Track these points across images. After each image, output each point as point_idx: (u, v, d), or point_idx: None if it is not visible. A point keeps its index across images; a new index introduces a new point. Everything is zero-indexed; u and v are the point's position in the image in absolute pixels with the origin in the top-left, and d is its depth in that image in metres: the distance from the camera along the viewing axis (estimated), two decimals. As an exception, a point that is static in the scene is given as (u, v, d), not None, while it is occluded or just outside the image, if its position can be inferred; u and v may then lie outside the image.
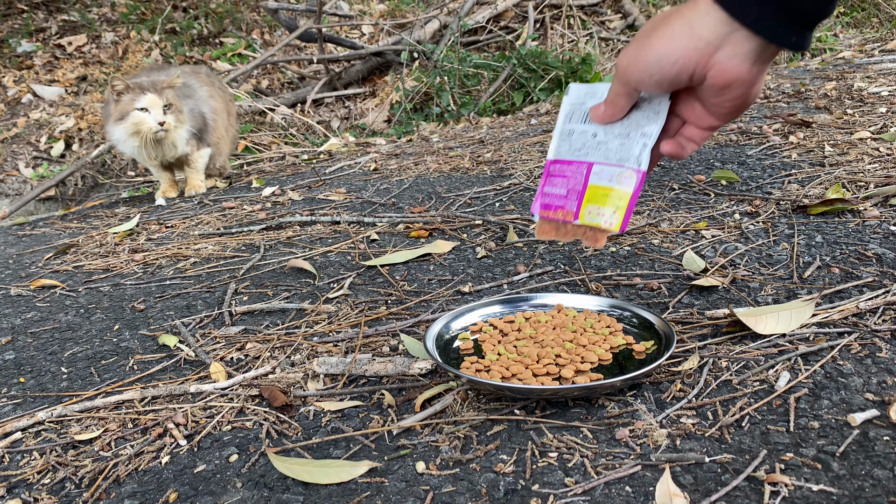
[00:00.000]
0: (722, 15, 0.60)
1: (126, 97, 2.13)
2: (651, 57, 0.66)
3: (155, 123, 2.14)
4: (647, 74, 0.67)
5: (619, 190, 0.80)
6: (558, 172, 0.85)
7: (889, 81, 2.42)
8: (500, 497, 0.71)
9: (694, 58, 0.64)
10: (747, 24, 0.59)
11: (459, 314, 1.03)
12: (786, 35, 0.59)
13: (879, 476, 0.68)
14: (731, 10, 0.59)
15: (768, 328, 0.93)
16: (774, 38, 0.59)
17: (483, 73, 3.75)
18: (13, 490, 0.82)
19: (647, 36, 0.67)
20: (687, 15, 0.63)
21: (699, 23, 0.62)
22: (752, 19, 0.59)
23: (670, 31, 0.64)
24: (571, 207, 0.84)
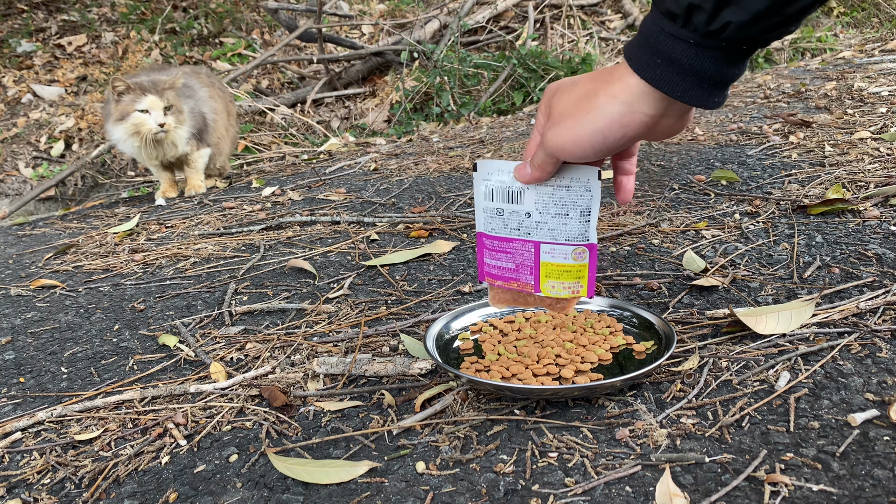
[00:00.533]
0: (661, 95, 0.68)
1: (127, 98, 2.13)
2: (594, 140, 0.71)
3: (155, 125, 2.15)
4: (589, 154, 0.73)
5: (577, 264, 0.85)
6: (498, 248, 0.88)
7: (889, 81, 2.42)
8: (500, 497, 0.71)
9: (642, 130, 0.70)
10: (681, 99, 0.67)
11: (459, 314, 1.03)
12: (710, 99, 0.68)
13: (879, 476, 0.68)
14: (667, 91, 0.67)
15: (768, 328, 0.93)
16: (703, 104, 0.68)
17: (483, 73, 3.75)
18: (13, 490, 0.82)
19: (577, 118, 0.71)
20: (620, 96, 0.69)
21: (639, 102, 0.68)
22: (686, 96, 0.67)
23: (607, 113, 0.70)
24: (528, 280, 0.88)
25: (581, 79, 0.74)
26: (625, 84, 0.69)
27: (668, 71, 0.67)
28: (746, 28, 0.63)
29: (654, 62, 0.67)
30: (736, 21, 0.62)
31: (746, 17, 0.62)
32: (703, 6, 0.63)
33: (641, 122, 0.69)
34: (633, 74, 0.69)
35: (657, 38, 0.67)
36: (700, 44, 0.65)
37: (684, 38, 0.65)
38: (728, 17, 0.62)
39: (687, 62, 0.66)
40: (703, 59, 0.66)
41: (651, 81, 0.67)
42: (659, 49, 0.67)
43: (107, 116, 2.26)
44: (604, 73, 0.71)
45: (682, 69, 0.66)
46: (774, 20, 0.63)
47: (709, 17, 0.63)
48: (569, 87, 0.74)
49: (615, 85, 0.69)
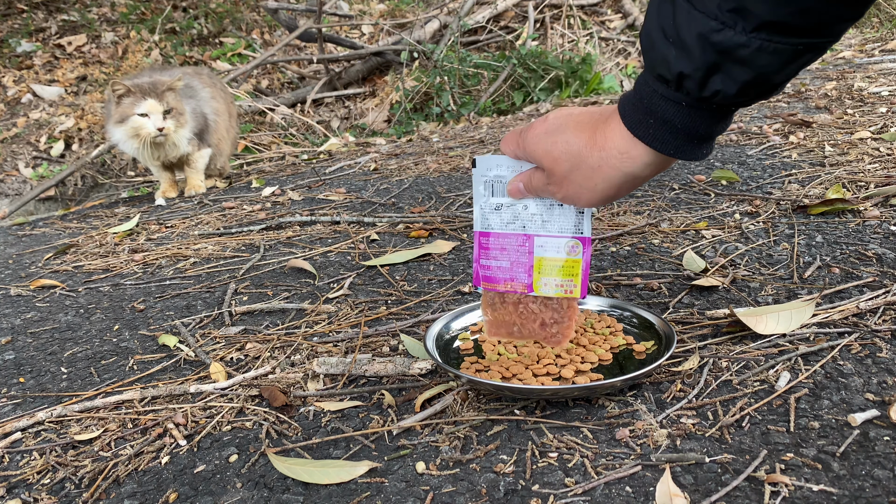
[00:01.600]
0: (659, 155, 0.72)
1: (127, 101, 2.14)
2: (604, 199, 0.77)
3: (154, 129, 2.15)
4: (597, 204, 0.79)
5: (570, 259, 0.85)
6: (494, 245, 0.88)
7: (889, 81, 2.42)
8: (500, 497, 0.71)
9: (632, 187, 0.77)
10: (674, 155, 0.72)
11: (459, 314, 1.03)
12: (699, 152, 0.72)
13: (880, 476, 0.68)
14: (661, 150, 0.71)
15: (768, 328, 0.93)
16: (693, 158, 0.73)
17: (483, 72, 3.75)
18: (13, 490, 0.82)
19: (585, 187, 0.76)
20: (622, 168, 0.73)
21: (642, 171, 0.73)
22: (678, 153, 0.72)
23: (612, 183, 0.75)
24: (522, 279, 0.87)
25: (570, 129, 0.77)
26: (627, 156, 0.73)
27: (661, 131, 0.70)
28: (734, 97, 0.67)
29: (647, 122, 0.71)
30: (724, 91, 0.66)
31: (733, 87, 0.65)
32: (692, 76, 0.66)
33: (641, 182, 0.76)
34: (631, 140, 0.72)
35: (650, 99, 0.70)
36: (692, 105, 0.68)
37: (677, 100, 0.69)
38: (717, 87, 0.66)
39: (680, 123, 0.69)
40: (695, 120, 0.69)
41: (644, 140, 0.71)
42: (652, 110, 0.70)
43: (108, 117, 2.26)
44: (598, 133, 0.75)
45: (675, 129, 0.70)
46: (760, 88, 0.66)
47: (698, 85, 0.66)
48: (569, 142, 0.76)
49: (615, 156, 0.73)
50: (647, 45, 0.69)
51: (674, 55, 0.66)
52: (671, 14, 0.65)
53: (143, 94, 2.13)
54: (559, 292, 0.86)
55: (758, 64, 0.63)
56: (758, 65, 0.63)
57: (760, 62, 0.63)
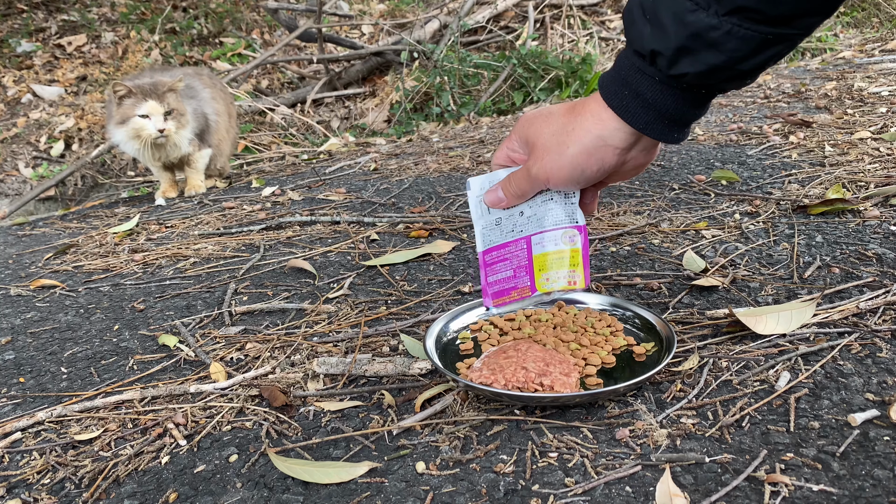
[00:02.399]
0: (631, 129, 0.73)
1: (128, 102, 2.14)
2: (574, 171, 0.77)
3: (155, 130, 2.16)
4: (570, 182, 0.79)
5: (569, 249, 0.86)
6: (498, 259, 0.90)
7: (889, 81, 2.42)
8: (500, 497, 0.71)
9: (613, 161, 0.77)
10: (643, 131, 0.73)
11: (459, 313, 1.03)
12: (670, 134, 0.74)
13: (880, 476, 0.68)
14: (631, 122, 0.73)
15: (768, 328, 0.93)
16: (663, 139, 0.74)
17: (483, 72, 3.75)
18: (13, 490, 0.82)
19: (560, 152, 0.77)
20: (594, 130, 0.75)
21: (611, 136, 0.74)
22: (647, 129, 0.73)
23: (584, 146, 0.75)
24: (525, 283, 0.88)
25: (556, 110, 0.79)
26: (598, 118, 0.74)
27: (633, 103, 0.72)
28: (703, 78, 0.68)
29: (622, 93, 0.72)
30: (692, 72, 0.68)
31: (702, 68, 0.67)
32: (664, 53, 0.68)
33: (613, 155, 0.75)
34: (605, 109, 0.74)
35: (627, 71, 0.72)
36: (664, 82, 0.70)
37: (650, 74, 0.71)
38: (685, 68, 0.68)
39: (651, 97, 0.71)
40: (666, 97, 0.71)
41: (617, 111, 0.73)
42: (627, 81, 0.72)
43: (108, 118, 2.26)
44: (578, 106, 0.77)
45: (647, 103, 0.71)
46: (728, 73, 0.67)
47: (669, 63, 0.68)
48: (545, 119, 0.79)
49: (589, 119, 0.75)
50: (629, 21, 0.71)
51: (649, 32, 0.68)
52: None
53: (144, 95, 2.13)
54: (563, 284, 0.88)
55: (727, 48, 0.65)
56: (727, 48, 0.65)
57: (729, 46, 0.65)
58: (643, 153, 0.78)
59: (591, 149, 0.75)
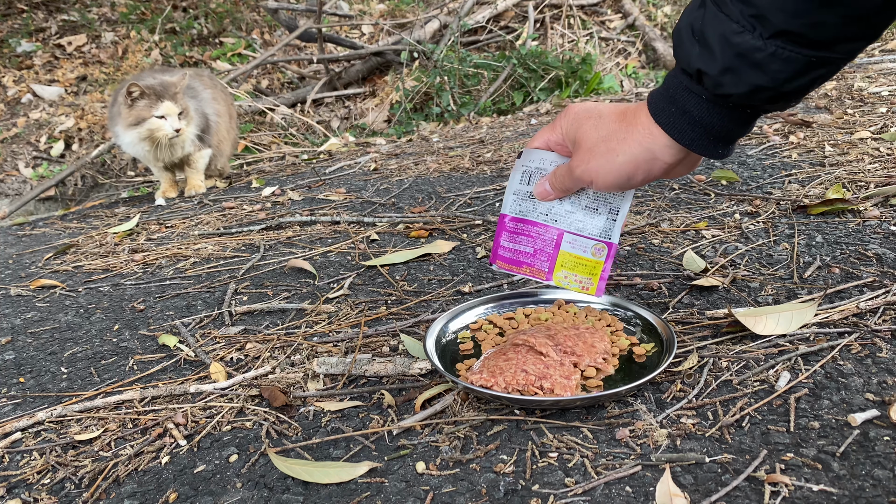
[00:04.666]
0: (681, 147, 0.76)
1: (142, 103, 2.15)
2: (620, 178, 0.79)
3: (171, 130, 2.18)
4: (614, 187, 0.81)
5: (593, 260, 0.90)
6: (522, 231, 0.93)
7: (889, 81, 2.42)
8: (500, 497, 0.71)
9: (659, 174, 0.79)
10: (689, 147, 0.75)
11: (458, 313, 1.03)
12: (715, 150, 0.76)
13: (880, 476, 0.68)
14: (678, 139, 0.75)
15: (767, 329, 0.93)
16: (708, 154, 0.76)
17: (483, 72, 3.75)
18: (13, 490, 0.82)
19: (608, 158, 0.79)
20: (644, 144, 0.77)
21: (661, 152, 0.76)
22: (694, 145, 0.75)
23: (633, 157, 0.77)
24: (542, 267, 0.92)
25: (607, 113, 0.81)
26: (649, 132, 0.76)
27: (680, 120, 0.74)
28: (747, 98, 0.70)
29: (669, 110, 0.75)
30: (737, 92, 0.69)
31: (746, 88, 0.69)
32: (709, 72, 0.70)
33: (661, 169, 0.78)
34: (657, 127, 0.76)
35: (675, 90, 0.74)
36: (710, 101, 0.72)
37: (697, 92, 0.73)
38: (730, 89, 0.70)
39: (698, 115, 0.73)
40: (713, 115, 0.73)
41: (664, 127, 0.75)
42: (675, 99, 0.74)
43: (113, 119, 2.26)
44: (629, 114, 0.79)
45: (693, 121, 0.74)
46: (772, 94, 0.69)
47: (714, 82, 0.70)
48: (595, 122, 0.81)
49: (641, 132, 0.77)
50: (678, 41, 0.73)
51: (696, 52, 0.70)
52: (702, 16, 0.70)
53: (159, 96, 2.15)
54: (576, 287, 0.91)
55: (770, 69, 0.67)
56: (770, 69, 0.67)
57: (773, 67, 0.66)
58: (687, 166, 0.81)
59: (641, 161, 0.77)
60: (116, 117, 2.23)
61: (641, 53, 4.36)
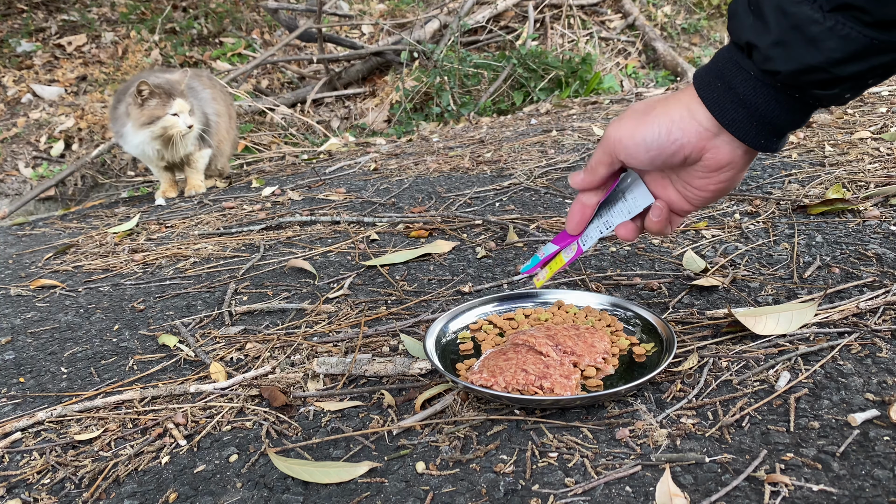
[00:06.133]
0: (722, 129, 0.69)
1: (153, 102, 2.17)
2: (650, 133, 0.72)
3: (185, 126, 2.21)
4: (643, 149, 0.73)
5: (561, 257, 0.90)
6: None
7: (889, 81, 2.42)
8: (500, 497, 0.71)
9: (694, 139, 0.71)
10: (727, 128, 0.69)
11: (459, 313, 1.03)
12: (757, 138, 0.69)
13: (880, 476, 0.68)
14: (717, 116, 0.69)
15: (767, 329, 0.93)
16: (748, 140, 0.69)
17: (483, 72, 3.75)
18: (13, 490, 0.82)
19: (644, 114, 0.73)
20: (684, 101, 0.71)
21: (698, 110, 0.70)
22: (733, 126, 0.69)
23: (668, 113, 0.71)
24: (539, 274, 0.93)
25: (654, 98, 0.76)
26: (690, 94, 0.71)
27: (724, 96, 0.69)
28: (796, 77, 0.64)
29: (714, 84, 0.69)
30: (786, 70, 0.64)
31: (796, 66, 0.63)
32: (759, 45, 0.65)
33: (696, 132, 0.71)
34: (699, 104, 0.71)
35: (724, 63, 0.69)
36: (758, 77, 0.67)
37: (747, 68, 0.67)
38: (779, 65, 0.64)
39: (743, 92, 0.67)
40: (759, 95, 0.67)
41: (706, 102, 0.69)
42: (722, 73, 0.69)
43: (118, 120, 2.25)
44: (674, 92, 0.74)
45: (738, 98, 0.68)
46: (824, 76, 0.63)
47: (763, 57, 0.65)
48: (639, 102, 0.76)
49: (682, 95, 0.72)
50: (732, 12, 0.68)
51: (750, 23, 0.65)
52: None
53: (169, 94, 2.18)
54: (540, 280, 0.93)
55: (825, 46, 0.61)
56: (825, 46, 0.61)
57: (829, 44, 0.61)
58: (728, 148, 0.71)
59: (677, 117, 0.71)
60: (123, 118, 2.23)
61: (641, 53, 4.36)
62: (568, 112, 3.03)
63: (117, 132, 2.29)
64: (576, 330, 0.92)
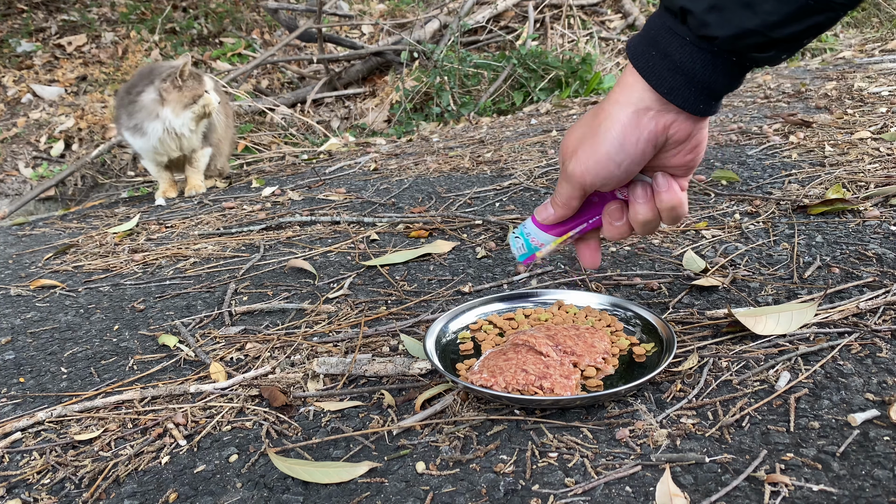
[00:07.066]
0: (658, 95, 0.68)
1: (190, 83, 2.23)
2: (612, 151, 0.70)
3: (217, 102, 2.28)
4: (614, 169, 0.71)
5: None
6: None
7: (889, 81, 2.42)
8: (500, 497, 0.71)
9: (653, 128, 0.69)
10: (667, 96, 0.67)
11: (459, 313, 1.03)
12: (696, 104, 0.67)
13: (880, 476, 0.68)
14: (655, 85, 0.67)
15: (767, 329, 0.93)
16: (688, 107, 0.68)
17: (483, 72, 3.75)
18: (13, 490, 0.82)
19: (591, 138, 0.71)
20: (622, 100, 0.69)
21: (643, 100, 0.68)
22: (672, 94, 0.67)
23: (617, 120, 0.69)
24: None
25: (585, 114, 0.74)
26: (625, 85, 0.69)
27: (661, 64, 0.67)
28: (733, 42, 0.63)
29: (649, 53, 0.67)
30: (723, 35, 0.63)
31: (733, 31, 0.62)
32: (694, 11, 0.63)
33: (651, 119, 0.68)
34: (631, 72, 0.69)
35: (657, 31, 0.67)
36: (694, 43, 0.65)
37: (682, 34, 0.65)
38: (716, 31, 0.63)
39: (679, 59, 0.66)
40: (696, 60, 0.65)
41: (643, 72, 0.67)
42: (657, 41, 0.67)
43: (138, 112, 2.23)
44: (603, 99, 0.72)
45: (675, 66, 0.66)
46: (761, 40, 0.62)
47: (699, 22, 0.63)
48: (576, 124, 0.74)
49: (616, 92, 0.69)
50: None
51: None
52: None
53: (199, 74, 2.25)
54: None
55: (762, 9, 0.60)
56: (762, 10, 0.60)
57: (766, 7, 0.60)
58: (685, 123, 0.70)
59: (625, 119, 0.68)
60: (150, 107, 2.22)
61: None
62: (568, 112, 3.03)
63: (135, 126, 2.26)
64: (576, 330, 0.92)
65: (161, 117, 2.24)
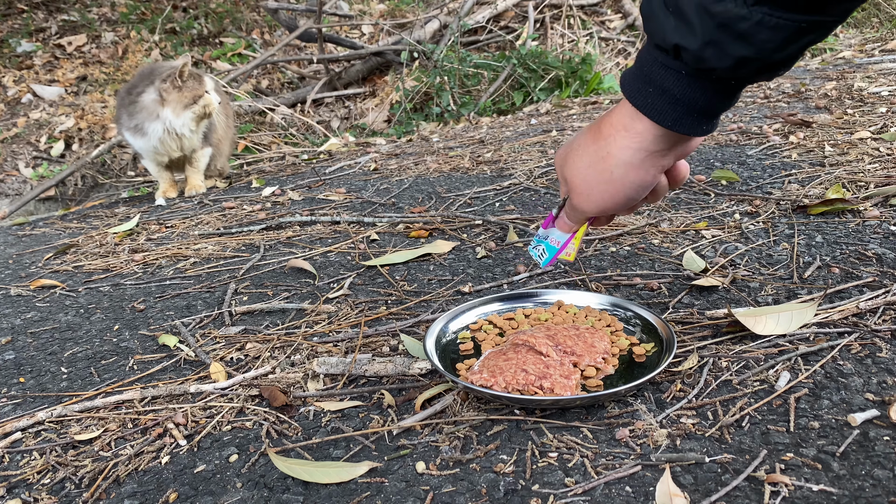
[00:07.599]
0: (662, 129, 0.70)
1: (190, 83, 2.23)
2: (629, 191, 0.75)
3: (217, 102, 2.28)
4: (628, 203, 0.77)
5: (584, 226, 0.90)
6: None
7: (889, 81, 2.42)
8: (500, 497, 0.71)
9: (666, 163, 0.74)
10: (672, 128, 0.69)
11: (459, 313, 1.03)
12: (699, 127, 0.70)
13: (879, 476, 0.68)
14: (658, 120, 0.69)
15: (767, 329, 0.93)
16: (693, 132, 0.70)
17: (483, 72, 3.75)
18: (13, 490, 0.82)
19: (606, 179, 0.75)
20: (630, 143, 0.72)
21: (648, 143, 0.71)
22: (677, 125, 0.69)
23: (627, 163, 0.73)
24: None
25: (582, 140, 0.76)
26: (626, 130, 0.71)
27: (659, 100, 0.68)
28: (732, 71, 0.64)
29: (646, 91, 0.69)
30: (721, 66, 0.64)
31: (731, 62, 0.63)
32: (689, 48, 0.64)
33: (658, 162, 0.72)
34: (631, 115, 0.70)
35: (651, 67, 0.68)
36: (691, 75, 0.66)
37: (676, 69, 0.66)
38: (713, 63, 0.64)
39: (678, 93, 0.67)
40: (695, 91, 0.67)
41: (642, 109, 0.69)
42: (652, 78, 0.68)
43: (139, 113, 2.23)
44: (602, 126, 0.73)
45: (674, 99, 0.68)
46: (759, 65, 0.63)
47: (695, 58, 0.64)
48: (576, 153, 0.76)
49: (618, 135, 0.72)
50: (647, 13, 0.67)
51: (672, 25, 0.64)
52: None
53: (199, 74, 2.25)
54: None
55: (757, 39, 0.60)
56: (757, 40, 0.61)
57: (760, 37, 0.60)
58: (689, 142, 0.74)
59: (636, 162, 0.72)
60: (150, 107, 2.23)
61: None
62: (568, 112, 3.03)
63: (136, 126, 2.27)
64: (576, 330, 0.92)
65: (161, 118, 2.24)
